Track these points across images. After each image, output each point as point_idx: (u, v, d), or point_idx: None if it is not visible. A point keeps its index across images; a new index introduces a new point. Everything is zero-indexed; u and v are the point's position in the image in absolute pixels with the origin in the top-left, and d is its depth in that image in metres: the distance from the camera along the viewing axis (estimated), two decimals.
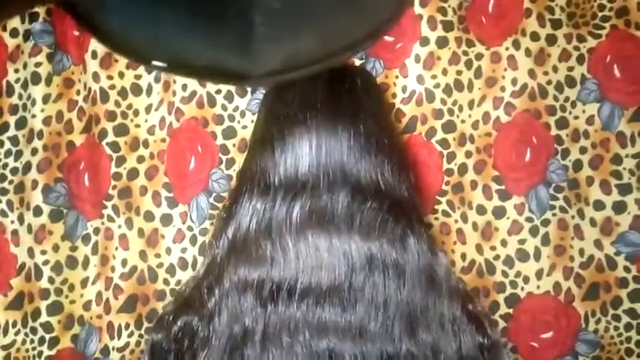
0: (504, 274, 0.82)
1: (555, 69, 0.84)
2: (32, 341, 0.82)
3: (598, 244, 0.82)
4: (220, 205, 0.84)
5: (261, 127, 0.67)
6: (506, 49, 0.85)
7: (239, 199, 0.61)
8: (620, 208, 0.82)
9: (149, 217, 0.84)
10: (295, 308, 0.55)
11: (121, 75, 0.85)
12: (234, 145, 0.84)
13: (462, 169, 0.84)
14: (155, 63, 0.34)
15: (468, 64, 0.85)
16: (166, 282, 0.83)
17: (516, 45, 0.84)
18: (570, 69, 0.84)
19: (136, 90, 0.85)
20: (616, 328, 0.81)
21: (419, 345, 0.55)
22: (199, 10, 0.30)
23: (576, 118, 0.84)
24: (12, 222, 0.83)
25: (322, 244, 0.57)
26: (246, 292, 0.56)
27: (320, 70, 0.39)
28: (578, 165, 0.84)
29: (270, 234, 0.58)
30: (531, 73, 0.84)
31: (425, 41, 0.84)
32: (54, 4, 0.45)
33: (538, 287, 0.82)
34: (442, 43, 0.84)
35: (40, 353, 0.82)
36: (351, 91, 0.66)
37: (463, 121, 0.85)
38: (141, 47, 0.34)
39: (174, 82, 0.84)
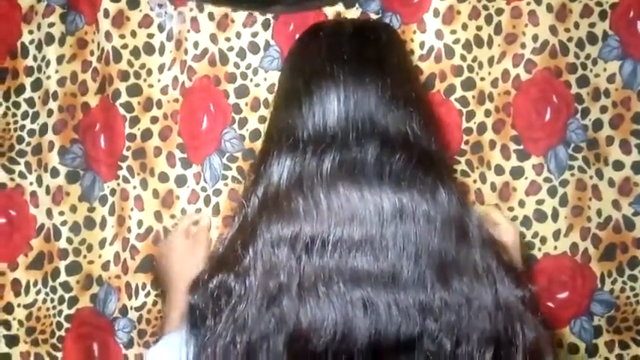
0: (522, 235, 0.91)
1: (577, 25, 0.92)
2: (52, 300, 0.93)
3: (616, 204, 0.91)
4: (233, 166, 0.93)
5: (286, 83, 0.73)
6: (527, 3, 0.92)
7: (267, 157, 0.67)
8: (639, 168, 0.90)
9: (163, 177, 0.93)
10: (329, 259, 0.60)
11: (134, 34, 0.93)
12: (246, 104, 0.93)
13: (481, 128, 0.93)
14: None
15: (488, 19, 0.93)
16: None
17: (537, 0, 0.91)
18: (592, 25, 0.91)
19: (149, 49, 0.94)
20: (632, 289, 0.91)
21: (452, 293, 0.60)
22: None
23: (597, 76, 0.92)
24: (30, 183, 0.94)
25: (353, 196, 0.62)
26: (280, 246, 0.61)
27: None
28: (598, 124, 0.92)
29: (302, 188, 0.63)
30: (552, 30, 0.92)
31: None
32: None
33: (555, 248, 0.91)
34: None
35: (60, 312, 0.93)
36: (375, 43, 0.72)
37: (483, 79, 0.93)
38: None
39: (186, 39, 0.93)
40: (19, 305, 0.93)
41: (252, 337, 0.59)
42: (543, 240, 0.91)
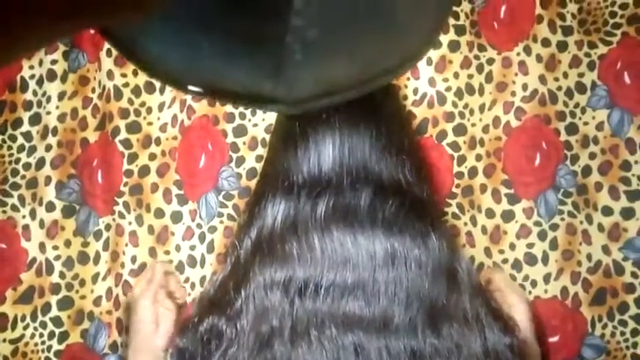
0: (512, 277, 0.95)
1: (566, 75, 0.97)
2: (41, 335, 0.94)
3: (606, 249, 0.94)
4: (229, 203, 0.96)
5: (283, 126, 0.78)
6: (518, 54, 0.98)
7: (262, 199, 0.70)
8: (628, 214, 0.94)
9: (159, 214, 0.96)
10: (321, 303, 0.62)
11: (135, 73, 0.98)
12: (244, 143, 0.97)
13: (472, 172, 0.97)
14: (191, 88, 0.38)
15: (480, 69, 0.98)
16: None
17: (527, 50, 0.97)
18: (581, 75, 0.97)
19: (149, 88, 0.98)
20: (622, 334, 0.93)
21: (442, 339, 0.62)
22: (236, 36, 0.34)
23: (586, 124, 0.96)
24: (23, 217, 0.96)
25: (347, 240, 0.65)
26: (273, 290, 0.63)
27: (356, 96, 0.43)
28: (587, 171, 0.96)
29: (296, 231, 0.66)
30: (542, 79, 0.97)
31: (437, 45, 0.97)
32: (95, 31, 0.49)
33: (546, 291, 0.94)
34: (454, 46, 0.97)
35: (50, 347, 0.94)
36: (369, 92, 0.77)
37: (474, 125, 0.98)
38: (178, 73, 0.37)
39: None
40: (4, 340, 0.94)
41: None
42: (534, 283, 0.94)
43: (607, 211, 0.95)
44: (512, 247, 0.95)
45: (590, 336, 0.93)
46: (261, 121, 0.98)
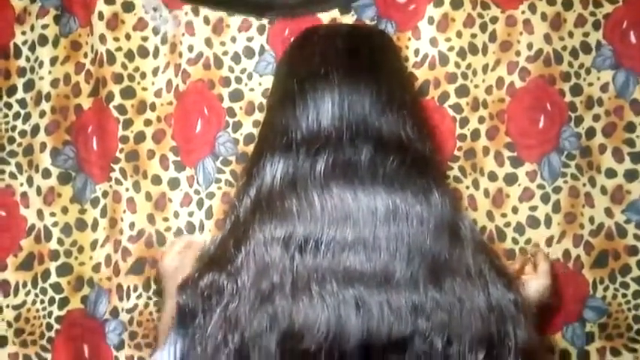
0: (514, 241, 0.95)
1: (571, 34, 0.95)
2: (42, 301, 0.95)
3: (608, 212, 0.94)
4: (227, 169, 0.96)
5: (280, 85, 0.77)
6: (522, 12, 0.96)
7: (260, 158, 0.70)
8: (631, 175, 0.94)
9: (156, 180, 0.96)
10: (322, 259, 0.63)
11: (128, 37, 0.96)
12: (241, 108, 0.96)
13: (475, 134, 0.96)
14: None
15: (483, 27, 0.96)
16: None
17: (532, 9, 0.95)
18: (586, 35, 0.95)
19: (143, 52, 0.97)
20: (624, 296, 0.94)
21: (444, 294, 0.63)
22: None
23: (590, 85, 0.95)
24: (21, 184, 0.96)
25: (347, 197, 0.65)
26: (273, 246, 0.63)
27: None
28: (591, 132, 0.95)
29: (295, 188, 0.66)
30: (547, 38, 0.95)
31: (439, 2, 0.95)
32: None
33: (548, 254, 0.94)
34: (457, 4, 0.95)
35: (50, 313, 0.95)
36: (370, 47, 0.75)
37: (477, 86, 0.97)
38: None
39: (181, 43, 0.96)
40: (7, 306, 0.96)
41: (244, 336, 0.62)
42: (536, 246, 0.94)
43: (610, 174, 0.94)
44: (515, 210, 0.95)
45: (591, 298, 0.94)
46: (258, 86, 0.97)
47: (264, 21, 0.96)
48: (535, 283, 0.80)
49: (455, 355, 0.62)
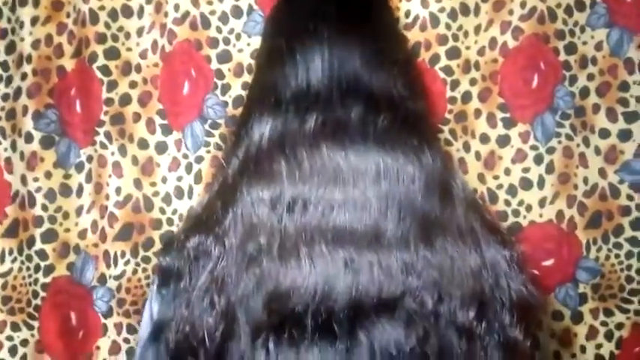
0: (507, 202, 0.94)
1: None
2: (28, 269, 0.94)
3: (602, 172, 0.94)
4: (216, 133, 0.94)
5: (269, 42, 0.75)
6: None
7: (248, 120, 0.69)
8: (625, 135, 0.93)
9: (143, 144, 0.94)
10: (311, 219, 0.62)
11: None
12: (229, 70, 0.94)
13: (466, 96, 0.95)
14: None
15: None
16: (162, 211, 0.95)
17: None
18: None
19: (127, 11, 0.95)
20: (617, 256, 0.94)
21: (435, 252, 0.62)
22: None
23: (585, 43, 0.94)
24: (5, 149, 0.95)
25: (336, 156, 0.64)
26: (261, 207, 0.63)
27: None
28: (585, 92, 0.94)
29: (284, 149, 0.65)
30: None
31: None
32: None
33: (541, 215, 0.94)
34: None
35: (36, 281, 0.94)
36: (361, 3, 0.74)
37: (468, 48, 0.95)
38: None
39: (167, 2, 0.94)
40: None
41: (231, 299, 0.61)
42: (529, 208, 0.94)
43: (604, 134, 0.94)
44: (508, 172, 0.94)
45: (584, 259, 0.94)
46: (247, 46, 0.95)
47: None
48: None
49: (446, 313, 0.61)
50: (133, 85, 0.95)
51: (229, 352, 0.60)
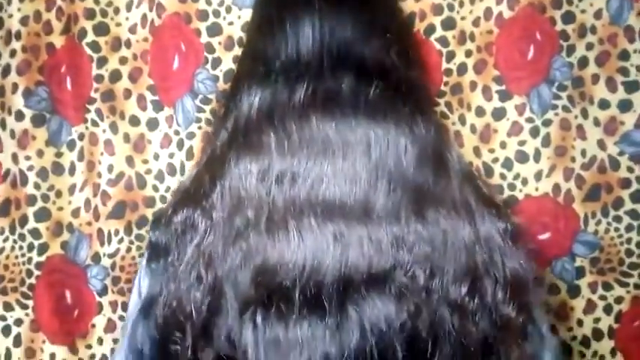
0: (502, 176, 0.93)
1: None
2: (21, 248, 0.94)
3: (601, 144, 0.92)
4: (207, 108, 0.94)
5: (259, 12, 0.74)
6: None
7: (238, 91, 0.68)
8: (625, 106, 0.92)
9: (134, 121, 0.94)
10: (299, 192, 0.61)
11: None
12: (219, 43, 0.93)
13: (462, 68, 0.93)
14: None
15: None
16: (155, 188, 0.94)
17: None
18: None
19: None
20: (616, 230, 0.92)
21: (428, 226, 0.61)
22: None
23: (583, 12, 0.92)
24: None
25: (326, 128, 0.63)
26: (250, 181, 0.62)
27: None
28: (583, 62, 0.93)
29: (273, 120, 0.64)
30: None
31: None
32: None
33: (537, 189, 0.93)
34: None
35: (30, 260, 0.94)
36: None
37: (463, 18, 0.94)
38: None
39: None
40: None
41: (217, 273, 0.60)
42: (524, 181, 0.92)
43: (603, 104, 0.92)
44: (503, 145, 0.93)
45: (582, 232, 0.92)
46: (237, 19, 0.94)
47: None
48: None
49: (437, 288, 0.60)
50: (123, 61, 0.94)
51: (216, 327, 0.60)
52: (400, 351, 0.58)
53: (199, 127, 0.94)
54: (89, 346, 0.93)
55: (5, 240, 0.94)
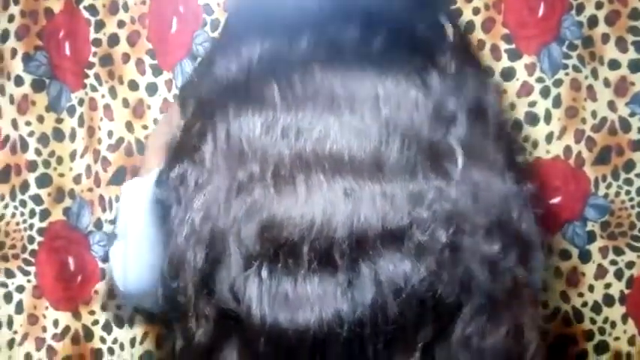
0: None
1: None
2: (22, 214, 0.94)
3: (612, 105, 0.90)
4: None
5: None
6: None
7: (237, 41, 0.65)
8: (636, 66, 0.90)
9: (133, 86, 0.93)
10: (305, 146, 0.58)
11: None
12: (218, 5, 0.92)
13: (469, 26, 0.92)
14: None
15: None
16: None
17: None
18: None
19: None
20: (627, 193, 0.90)
21: (444, 182, 0.57)
22: None
23: None
24: None
25: (331, 80, 0.60)
26: (253, 133, 0.59)
27: None
28: (593, 21, 0.90)
29: (275, 72, 0.61)
30: None
31: None
32: None
33: (547, 152, 0.91)
34: None
35: (32, 226, 0.94)
36: None
37: None
38: None
39: None
40: None
41: (218, 227, 0.59)
42: (535, 144, 0.91)
43: (614, 65, 0.90)
44: (513, 106, 0.91)
45: (593, 196, 0.91)
46: None
47: None
48: None
49: (467, 246, 0.57)
50: (121, 24, 0.93)
51: (219, 280, 0.58)
52: (420, 307, 0.56)
53: None
54: (92, 312, 0.94)
55: (6, 206, 0.94)
